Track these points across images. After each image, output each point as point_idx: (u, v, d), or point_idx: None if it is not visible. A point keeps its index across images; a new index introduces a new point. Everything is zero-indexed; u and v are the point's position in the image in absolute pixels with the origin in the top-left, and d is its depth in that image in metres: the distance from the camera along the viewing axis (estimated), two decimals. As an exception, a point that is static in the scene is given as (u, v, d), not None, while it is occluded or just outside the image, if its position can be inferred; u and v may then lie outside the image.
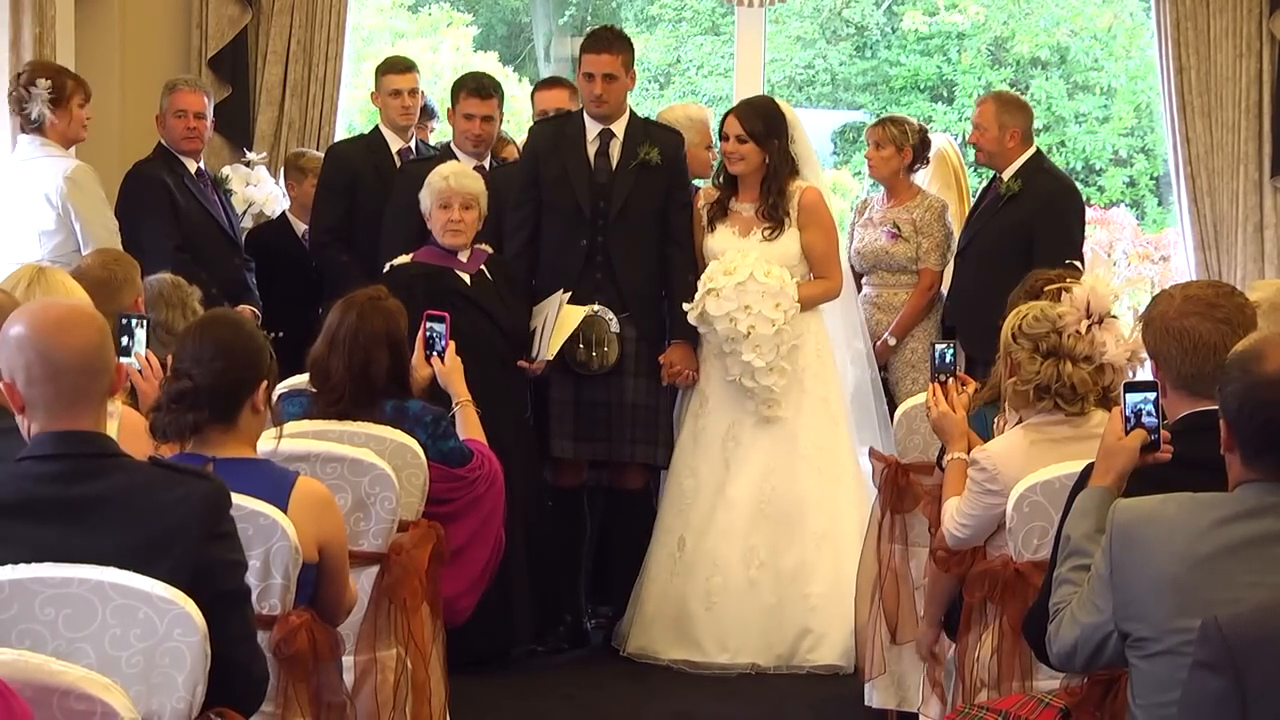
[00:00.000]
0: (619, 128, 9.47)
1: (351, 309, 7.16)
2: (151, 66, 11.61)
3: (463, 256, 9.07)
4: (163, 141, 10.25)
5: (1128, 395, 5.17)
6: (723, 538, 9.52)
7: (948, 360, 7.28)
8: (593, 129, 9.48)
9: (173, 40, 12.11)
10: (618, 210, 9.43)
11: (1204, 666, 3.80)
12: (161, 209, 9.83)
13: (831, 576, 9.38)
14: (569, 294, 9.29)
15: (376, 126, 10.79)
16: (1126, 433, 5.04)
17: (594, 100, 9.37)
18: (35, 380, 4.75)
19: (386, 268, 9.04)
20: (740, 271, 9.20)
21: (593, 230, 9.44)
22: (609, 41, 9.41)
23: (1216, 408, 4.75)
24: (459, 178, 9.06)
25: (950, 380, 7.08)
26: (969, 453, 6.72)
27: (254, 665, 4.90)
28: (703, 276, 9.31)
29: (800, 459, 9.60)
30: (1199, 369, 5.03)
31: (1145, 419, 5.13)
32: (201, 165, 10.36)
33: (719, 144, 9.85)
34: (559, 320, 9.23)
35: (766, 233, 9.41)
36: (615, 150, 9.46)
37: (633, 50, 9.67)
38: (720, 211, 9.67)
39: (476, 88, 10.20)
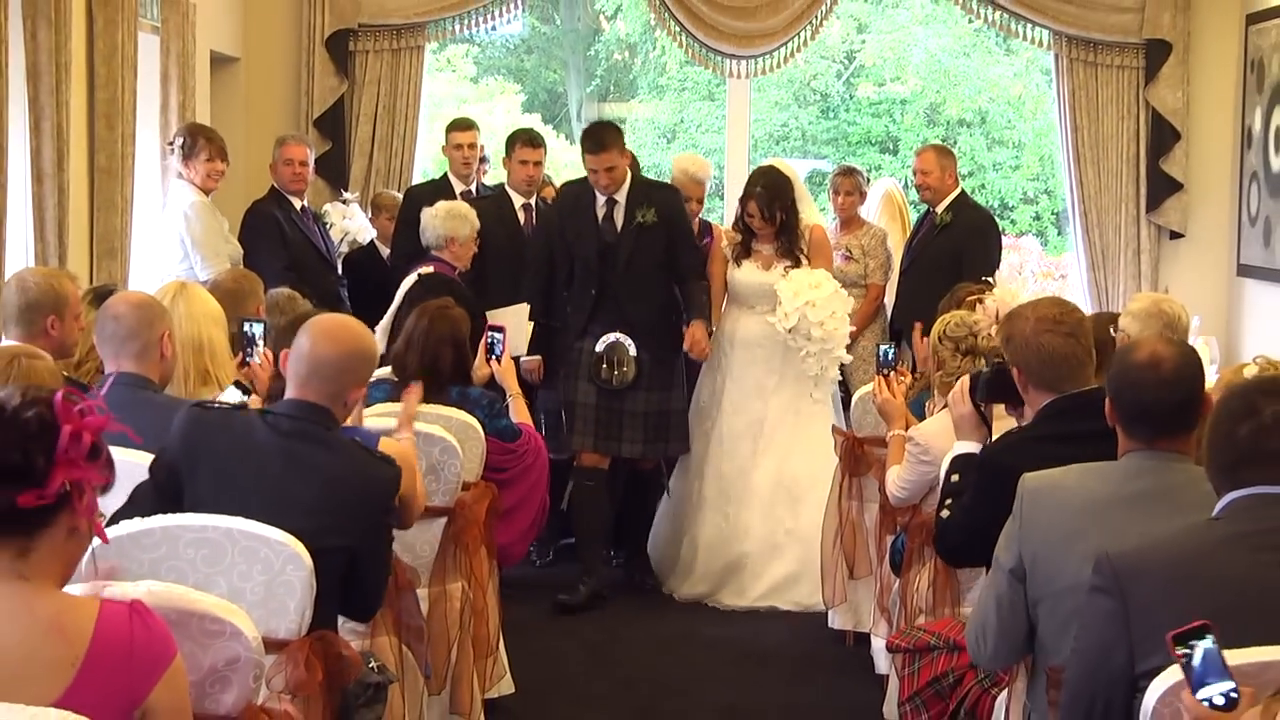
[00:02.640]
0: (621, 195, 9.26)
1: (424, 315, 7.20)
2: (270, 127, 11.57)
3: (458, 270, 9.35)
4: (275, 184, 10.25)
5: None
6: (755, 511, 9.42)
7: (890, 358, 7.42)
8: (600, 198, 9.29)
9: (286, 106, 12.11)
10: (624, 263, 9.25)
11: (1097, 590, 3.84)
12: (272, 237, 9.82)
13: None
14: (529, 306, 9.32)
15: (445, 173, 10.79)
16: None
17: (601, 189, 9.21)
18: (294, 360, 5.11)
19: (415, 276, 9.08)
20: (825, 286, 9.12)
21: (601, 280, 9.29)
22: (602, 142, 9.17)
23: (1071, 392, 5.14)
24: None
25: (891, 373, 7.16)
26: (906, 430, 6.76)
27: (381, 594, 5.22)
28: (785, 291, 9.13)
29: (807, 447, 9.36)
30: (1056, 372, 5.17)
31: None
32: (305, 203, 10.33)
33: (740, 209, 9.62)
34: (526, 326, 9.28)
35: (787, 267, 9.26)
36: (618, 215, 9.27)
37: (623, 137, 9.45)
38: (744, 251, 9.51)
39: (530, 139, 10.29)
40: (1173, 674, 3.51)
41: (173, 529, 4.60)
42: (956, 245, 10.13)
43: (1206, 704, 3.16)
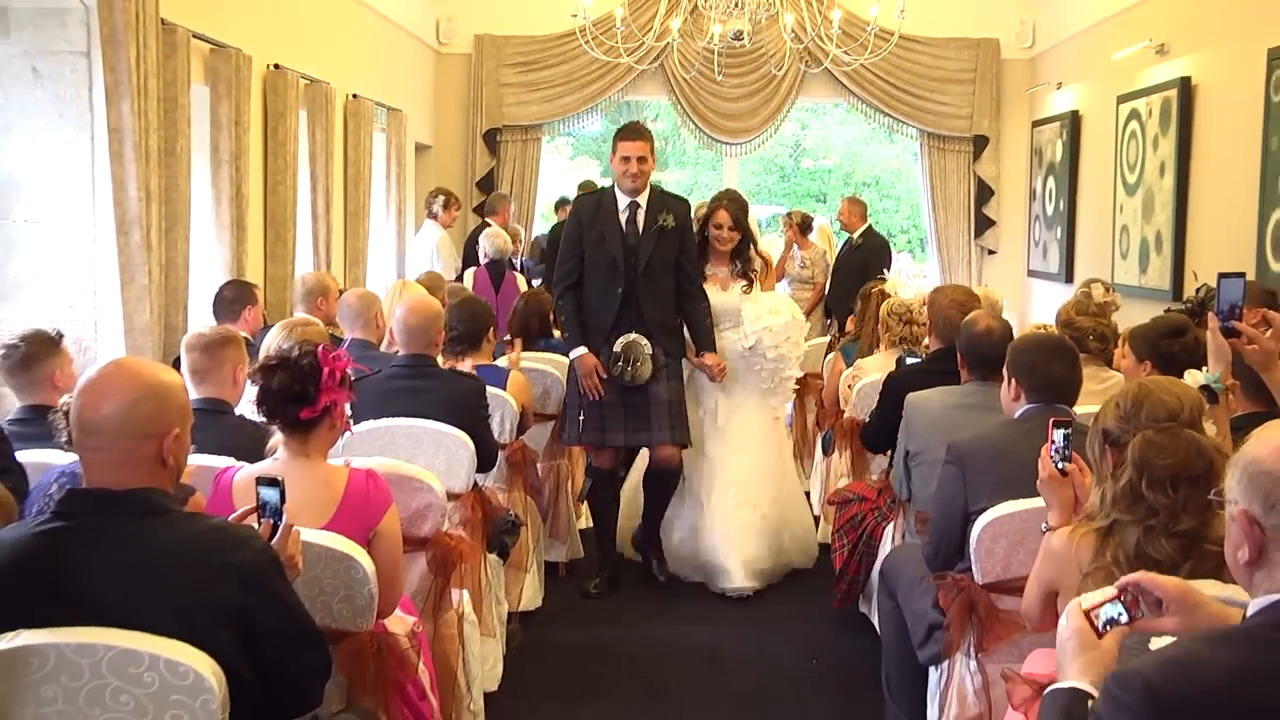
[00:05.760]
0: (643, 200, 6.26)
1: (523, 299, 7.18)
2: (449, 188, 11.58)
3: None
4: (489, 221, 10.22)
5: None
6: (729, 501, 6.52)
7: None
8: (623, 201, 6.25)
9: (458, 173, 12.12)
10: (644, 264, 6.22)
11: (948, 463, 3.89)
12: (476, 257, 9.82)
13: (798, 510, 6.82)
14: None
15: (558, 223, 10.76)
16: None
17: (629, 176, 6.20)
18: (396, 330, 5.11)
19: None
20: (784, 314, 6.51)
21: (625, 279, 6.22)
22: (640, 132, 6.31)
23: (947, 345, 5.14)
24: None
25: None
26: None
27: (494, 457, 5.12)
28: (749, 312, 6.49)
29: (768, 443, 6.66)
30: (950, 332, 5.14)
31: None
32: None
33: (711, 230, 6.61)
34: None
35: (745, 288, 6.56)
36: (640, 218, 6.25)
37: (654, 141, 6.40)
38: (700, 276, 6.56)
39: None
40: (991, 514, 3.56)
41: (393, 427, 4.64)
42: (865, 258, 10.15)
43: (1056, 467, 3.16)
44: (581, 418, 6.21)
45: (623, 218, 6.23)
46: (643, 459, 6.71)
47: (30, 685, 2.36)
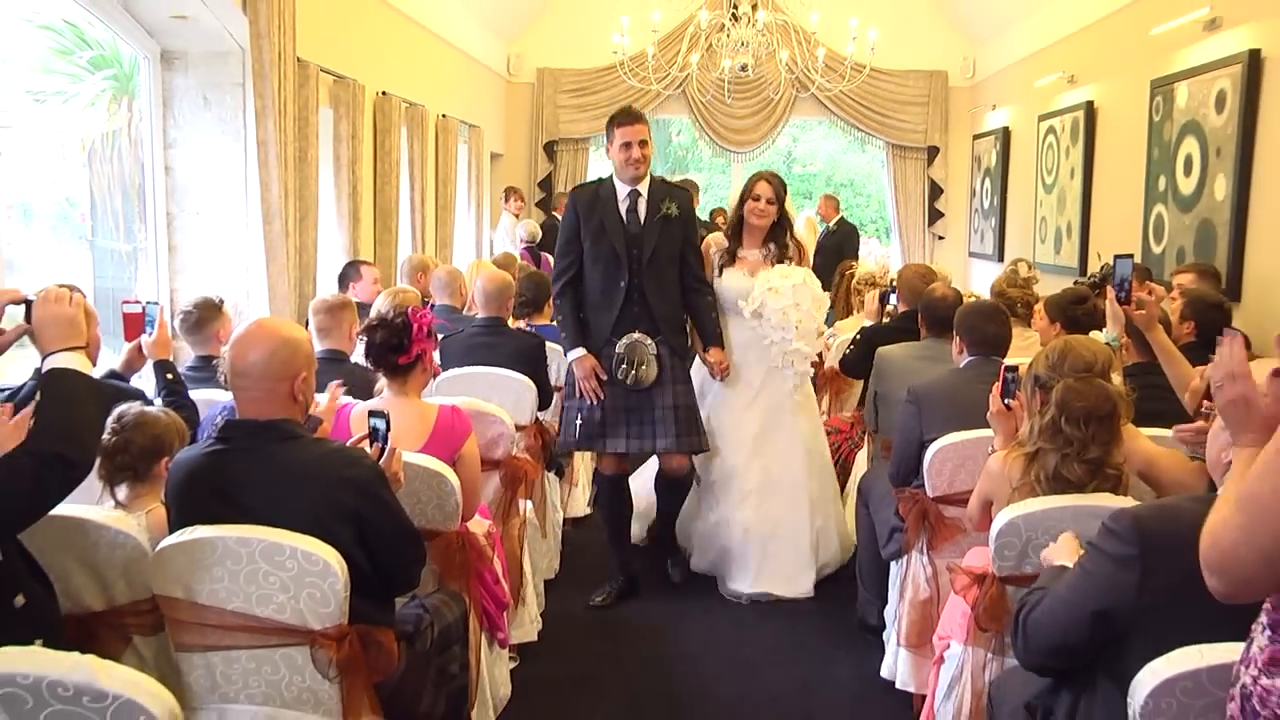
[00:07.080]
0: (643, 188, 4.51)
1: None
2: (516, 186, 11.53)
3: None
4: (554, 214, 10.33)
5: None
6: (748, 507, 4.80)
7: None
8: (623, 190, 4.52)
9: (524, 176, 12.04)
10: (648, 256, 4.46)
11: (908, 402, 3.84)
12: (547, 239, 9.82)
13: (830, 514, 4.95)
14: None
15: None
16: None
17: (633, 162, 4.46)
18: (477, 295, 4.99)
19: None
20: (795, 276, 4.70)
21: (629, 271, 4.46)
22: (638, 115, 4.53)
23: (917, 308, 4.90)
24: None
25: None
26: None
27: (552, 394, 5.07)
28: (760, 277, 4.70)
29: (794, 443, 4.80)
30: (915, 297, 5.04)
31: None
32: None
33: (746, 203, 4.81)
34: None
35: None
36: (642, 207, 4.49)
37: (649, 124, 4.59)
38: (729, 259, 4.79)
39: None
40: (941, 442, 3.51)
41: (473, 373, 4.63)
42: (839, 241, 10.15)
43: (1003, 403, 3.13)
44: (579, 421, 4.56)
45: (623, 207, 4.53)
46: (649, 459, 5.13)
47: (205, 567, 2.41)
